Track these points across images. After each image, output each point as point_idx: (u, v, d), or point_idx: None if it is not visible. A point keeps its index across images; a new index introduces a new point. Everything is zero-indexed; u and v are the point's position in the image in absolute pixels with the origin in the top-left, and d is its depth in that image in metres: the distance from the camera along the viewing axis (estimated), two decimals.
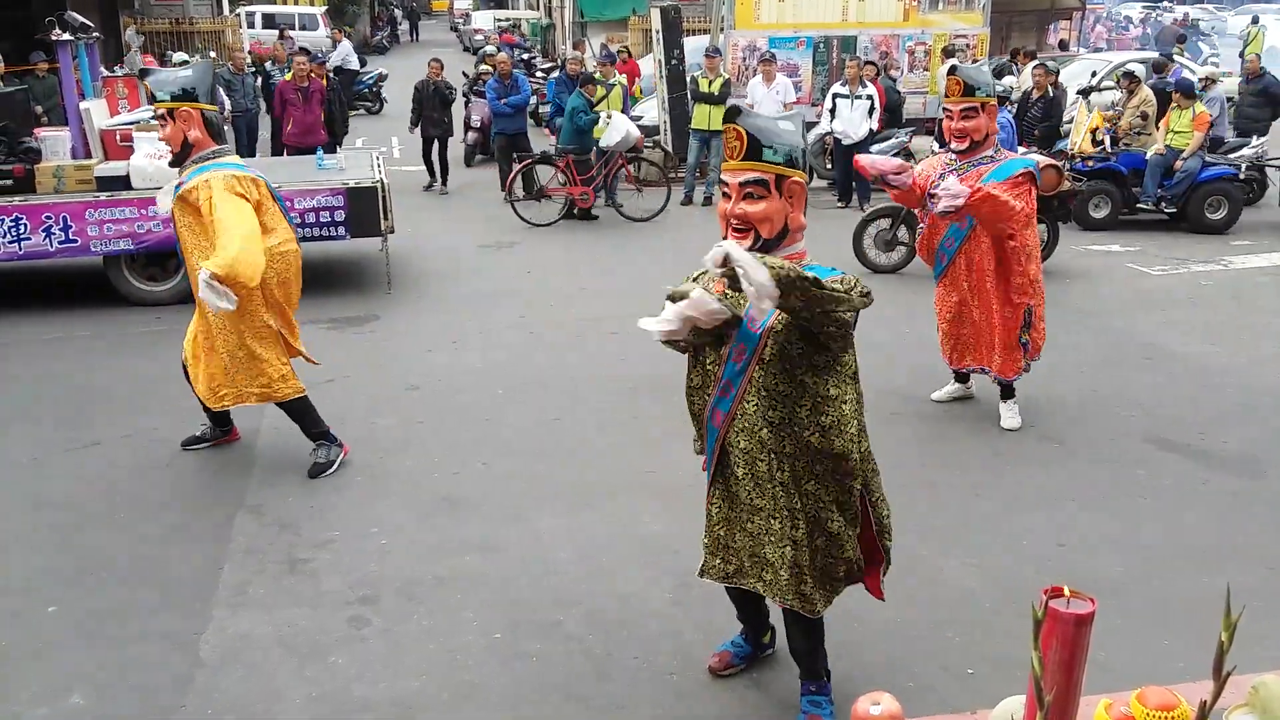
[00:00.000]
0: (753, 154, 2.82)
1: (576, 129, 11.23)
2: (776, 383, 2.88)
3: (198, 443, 5.37)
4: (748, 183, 2.82)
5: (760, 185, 2.82)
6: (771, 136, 2.82)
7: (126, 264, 7.89)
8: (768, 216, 2.83)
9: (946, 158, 5.33)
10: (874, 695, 1.70)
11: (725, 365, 2.94)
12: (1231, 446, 5.40)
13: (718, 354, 2.97)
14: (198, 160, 4.66)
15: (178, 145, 4.68)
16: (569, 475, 5.08)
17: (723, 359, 2.95)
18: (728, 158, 2.87)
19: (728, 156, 2.87)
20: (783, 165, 2.83)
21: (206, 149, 4.69)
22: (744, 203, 2.83)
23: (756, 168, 2.82)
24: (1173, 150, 10.48)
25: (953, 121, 5.19)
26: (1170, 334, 7.30)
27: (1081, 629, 1.55)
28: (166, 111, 4.63)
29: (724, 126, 2.87)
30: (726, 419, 2.97)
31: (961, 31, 14.61)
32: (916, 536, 4.34)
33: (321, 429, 5.10)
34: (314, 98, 11.61)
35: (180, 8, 23.68)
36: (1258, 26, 23.23)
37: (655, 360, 6.53)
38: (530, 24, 29.83)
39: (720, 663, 3.52)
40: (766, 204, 2.83)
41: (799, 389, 2.88)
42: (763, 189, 2.82)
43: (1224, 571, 4.04)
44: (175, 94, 4.63)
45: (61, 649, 3.67)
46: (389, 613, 3.90)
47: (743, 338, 2.88)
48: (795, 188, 2.87)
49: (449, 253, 9.77)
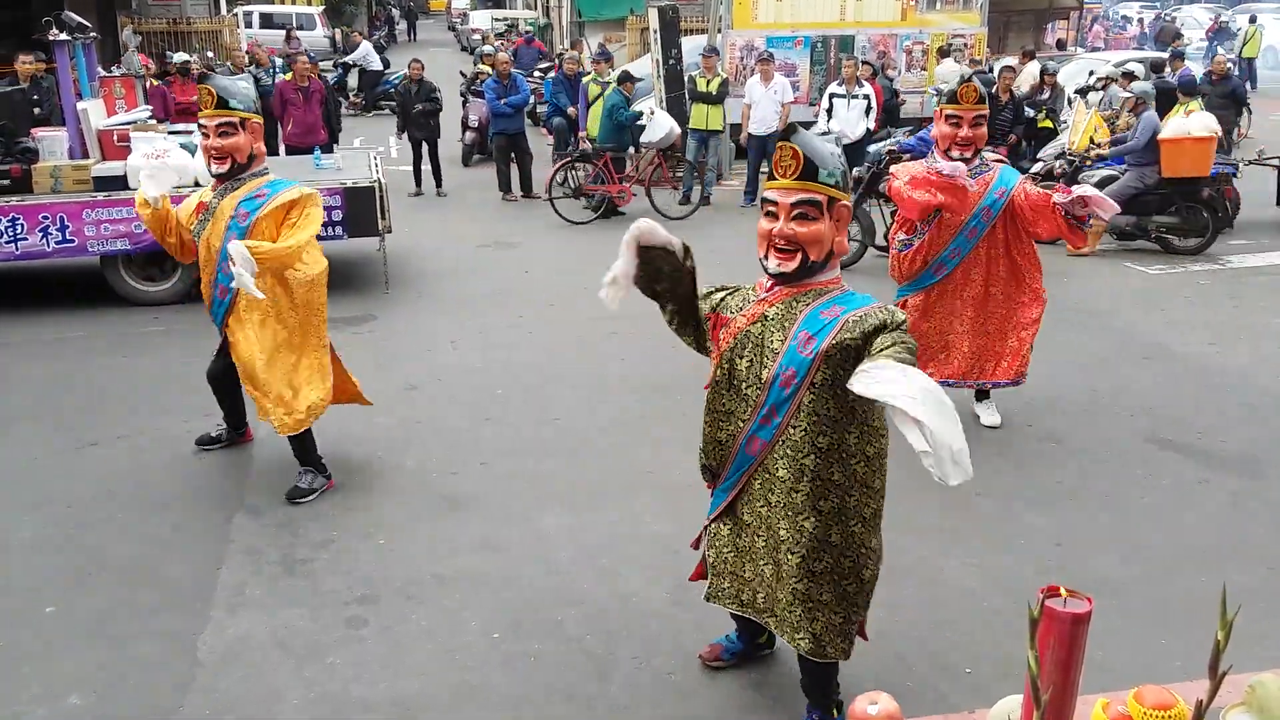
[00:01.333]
0: (809, 174, 2.78)
1: (615, 126, 11.30)
2: (828, 407, 2.81)
3: (212, 443, 5.37)
4: (800, 203, 2.79)
5: (814, 206, 2.79)
6: (825, 158, 2.79)
7: (124, 264, 7.88)
8: (819, 239, 2.80)
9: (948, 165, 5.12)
10: (872, 695, 1.71)
11: (769, 390, 2.85)
12: (1231, 446, 5.40)
13: (759, 380, 2.89)
14: (258, 174, 4.64)
15: (244, 156, 4.59)
16: (569, 475, 5.08)
17: (766, 384, 2.86)
18: (779, 176, 2.81)
19: (779, 175, 2.81)
20: (834, 188, 2.80)
21: (262, 163, 4.70)
22: (794, 223, 2.79)
23: (811, 188, 2.79)
24: None
25: (961, 128, 5.07)
26: (1169, 333, 7.30)
27: (1078, 628, 1.56)
28: (240, 121, 4.53)
29: (780, 145, 2.81)
30: (767, 447, 2.90)
31: (959, 31, 14.62)
32: (916, 536, 4.35)
33: (314, 459, 4.93)
34: (314, 97, 11.62)
35: (178, 7, 23.63)
36: (1255, 26, 23.26)
37: (656, 360, 6.55)
38: (528, 23, 29.79)
39: (711, 654, 3.54)
40: (818, 226, 2.80)
41: (849, 415, 2.83)
42: (816, 210, 2.79)
43: (1222, 571, 4.05)
44: (249, 106, 4.57)
45: (60, 649, 3.67)
46: (388, 613, 3.90)
47: (793, 362, 2.81)
48: (844, 211, 2.85)
49: (447, 252, 9.77)
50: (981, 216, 5.17)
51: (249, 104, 4.60)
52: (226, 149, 4.53)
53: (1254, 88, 21.57)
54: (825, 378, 2.78)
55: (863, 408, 2.81)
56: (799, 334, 2.80)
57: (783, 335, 2.84)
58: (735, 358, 2.94)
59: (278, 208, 4.56)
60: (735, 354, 2.94)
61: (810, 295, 2.87)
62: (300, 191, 4.62)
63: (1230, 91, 12.77)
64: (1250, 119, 16.19)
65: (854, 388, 2.27)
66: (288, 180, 4.74)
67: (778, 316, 2.87)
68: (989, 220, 5.17)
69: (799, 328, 2.81)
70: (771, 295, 2.90)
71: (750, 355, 2.90)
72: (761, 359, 2.88)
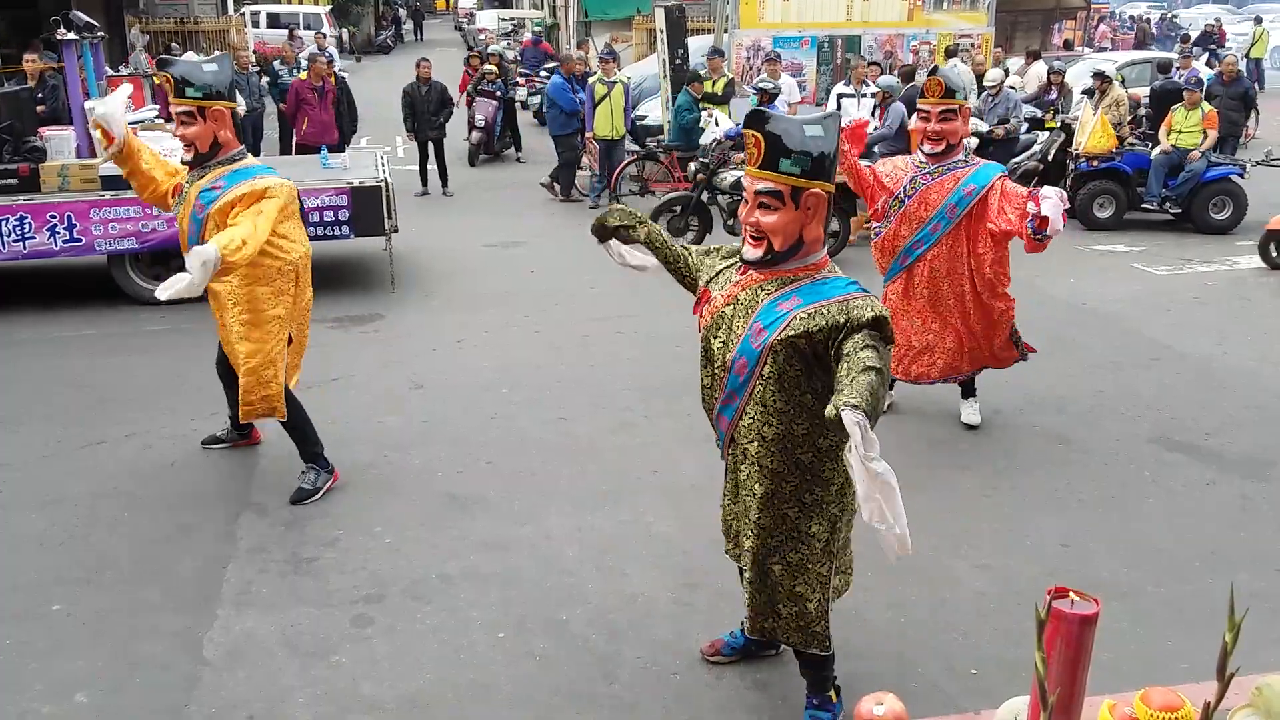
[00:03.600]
0: (769, 163, 2.74)
1: (682, 127, 11.34)
2: (775, 399, 2.84)
3: (216, 443, 5.37)
4: (762, 192, 2.77)
5: (774, 196, 2.75)
6: (795, 143, 2.72)
7: (131, 263, 7.90)
8: (779, 229, 2.77)
9: (917, 160, 5.21)
10: (878, 695, 1.71)
11: (729, 375, 2.91)
12: (1238, 448, 5.39)
13: (724, 362, 2.93)
14: (225, 161, 4.47)
15: (206, 145, 4.43)
16: (575, 475, 5.08)
17: (725, 368, 2.92)
18: (747, 163, 2.80)
19: (747, 162, 2.80)
20: (799, 177, 2.74)
21: (234, 149, 4.52)
22: (758, 212, 2.78)
23: (770, 177, 2.75)
24: (1178, 150, 10.47)
25: (930, 123, 5.08)
26: (1176, 335, 7.29)
27: (1086, 629, 1.56)
28: (197, 109, 4.35)
29: (744, 132, 2.78)
30: (731, 425, 2.98)
31: (966, 31, 14.59)
32: (922, 537, 4.32)
33: (317, 449, 4.89)
34: (328, 97, 11.71)
35: (185, 7, 23.69)
36: (1261, 27, 23.19)
37: (663, 360, 6.56)
38: (536, 24, 29.80)
39: (711, 648, 3.55)
40: (779, 216, 2.76)
41: (797, 407, 2.84)
42: (776, 200, 2.75)
43: (1229, 573, 4.04)
44: (209, 91, 4.38)
45: (67, 647, 3.69)
46: (394, 612, 3.90)
47: (744, 352, 2.84)
48: (813, 199, 2.77)
49: (453, 252, 9.78)
50: (946, 212, 5.11)
51: (213, 89, 4.39)
52: (188, 137, 4.41)
53: (1261, 88, 21.50)
54: (773, 371, 2.80)
55: (814, 403, 2.81)
56: (754, 324, 2.82)
57: (744, 322, 2.86)
58: (711, 337, 2.97)
59: (224, 205, 4.36)
60: (711, 333, 2.97)
61: (774, 284, 2.85)
62: (252, 186, 4.39)
63: (1242, 93, 12.73)
64: (1258, 120, 16.16)
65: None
66: (254, 169, 4.53)
67: (746, 301, 2.89)
68: (954, 216, 5.10)
69: (755, 318, 2.83)
70: (744, 279, 2.92)
71: (722, 336, 2.93)
72: (728, 343, 2.91)
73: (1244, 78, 13.54)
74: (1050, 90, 13.08)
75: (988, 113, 11.19)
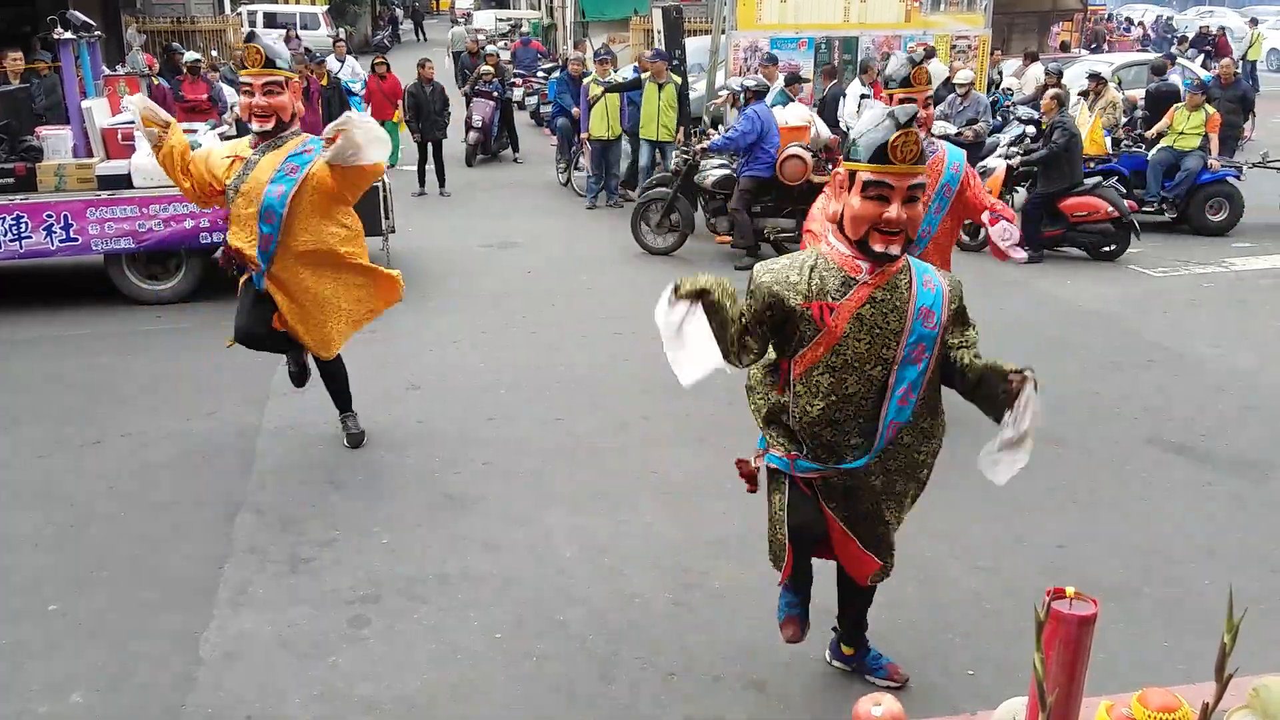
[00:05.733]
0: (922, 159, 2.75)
1: None
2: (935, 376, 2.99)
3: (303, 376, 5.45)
4: (914, 186, 2.75)
5: (921, 189, 2.80)
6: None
7: (128, 262, 7.89)
8: (919, 219, 2.84)
9: None
10: (875, 696, 1.71)
11: (901, 368, 2.88)
12: (1235, 449, 5.40)
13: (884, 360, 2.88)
14: (296, 133, 4.77)
15: (288, 115, 4.70)
16: (573, 475, 5.08)
17: (895, 361, 2.87)
18: (896, 159, 2.70)
19: (897, 159, 2.70)
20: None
21: (299, 124, 4.83)
22: (906, 206, 2.75)
23: (921, 171, 2.77)
24: (1175, 151, 10.48)
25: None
26: (1173, 336, 7.30)
27: (1084, 630, 1.56)
28: (285, 79, 4.66)
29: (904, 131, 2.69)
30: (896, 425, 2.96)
31: (963, 32, 14.61)
32: (918, 537, 4.34)
33: (349, 396, 5.35)
34: (314, 98, 11.70)
35: (182, 7, 23.65)
36: (1257, 29, 23.25)
37: (659, 360, 6.50)
38: (531, 23, 29.80)
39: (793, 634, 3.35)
40: (920, 207, 2.83)
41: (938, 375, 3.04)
42: (921, 192, 2.80)
43: (1227, 574, 4.05)
44: (291, 67, 4.70)
45: (63, 647, 3.68)
46: (391, 612, 3.90)
47: (922, 338, 2.86)
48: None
49: (450, 252, 9.78)
50: (943, 193, 5.20)
51: (291, 64, 4.75)
52: (274, 107, 4.63)
53: (1257, 90, 21.55)
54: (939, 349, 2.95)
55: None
56: (919, 310, 2.86)
57: (897, 315, 2.86)
58: (854, 341, 2.89)
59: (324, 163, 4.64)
60: (851, 340, 2.88)
61: (903, 272, 2.91)
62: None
63: (1240, 95, 12.76)
64: (1254, 122, 16.19)
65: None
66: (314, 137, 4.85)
67: (884, 297, 2.87)
68: (950, 196, 5.21)
69: (916, 304, 2.87)
70: (874, 278, 2.86)
71: (866, 338, 2.87)
72: (881, 340, 2.87)
73: (1241, 80, 13.59)
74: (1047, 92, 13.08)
75: (956, 115, 11.14)
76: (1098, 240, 9.51)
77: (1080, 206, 9.36)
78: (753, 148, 9.16)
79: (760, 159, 9.15)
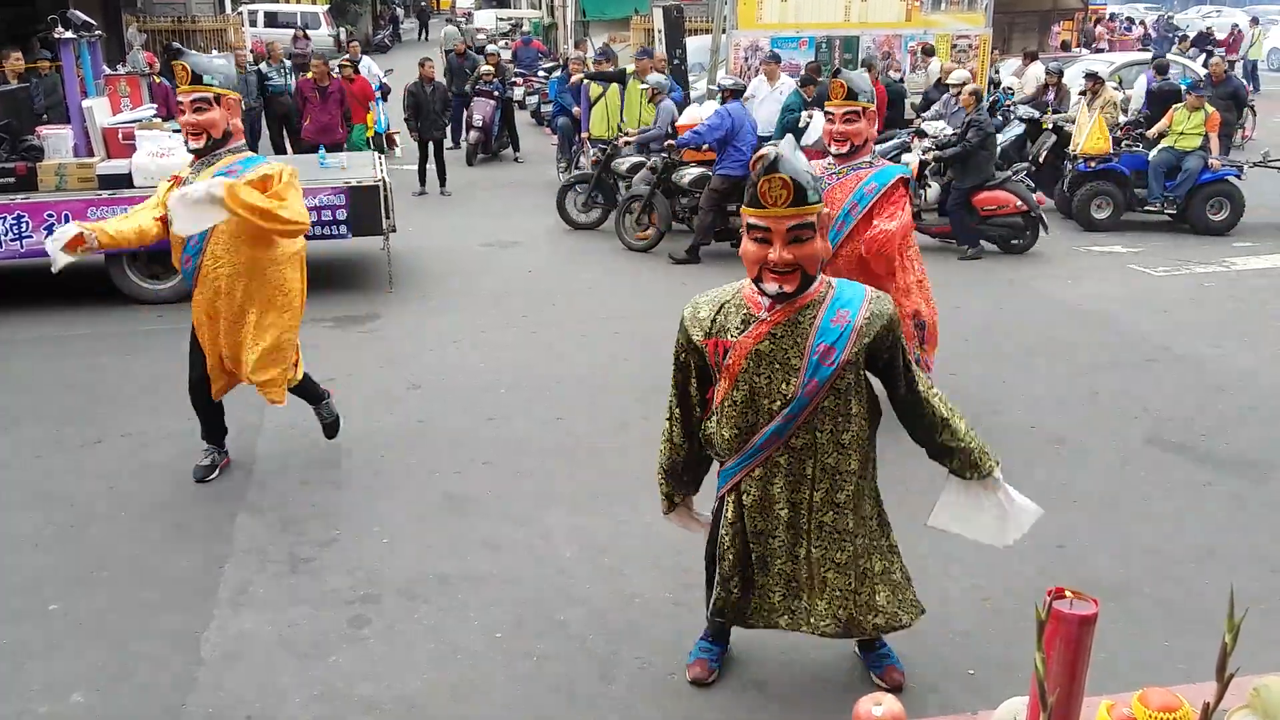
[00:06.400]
0: (799, 200, 2.78)
1: (784, 126, 11.33)
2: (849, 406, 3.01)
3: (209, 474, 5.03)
4: (795, 227, 2.80)
5: (808, 228, 2.82)
6: (807, 177, 2.81)
7: (128, 262, 7.90)
8: (814, 256, 2.87)
9: (825, 162, 5.29)
10: (876, 696, 1.71)
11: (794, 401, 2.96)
12: (1234, 448, 5.39)
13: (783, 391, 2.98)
14: (234, 150, 4.66)
15: (219, 132, 4.60)
16: (572, 475, 5.08)
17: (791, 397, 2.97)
18: (768, 204, 2.78)
19: (769, 204, 2.77)
20: (818, 203, 2.85)
21: (240, 140, 4.74)
22: (791, 248, 2.80)
23: (804, 212, 2.80)
24: (1176, 151, 10.48)
25: (834, 124, 5.16)
26: (1173, 335, 7.29)
27: (1085, 630, 1.56)
28: (214, 96, 4.54)
29: (768, 178, 2.76)
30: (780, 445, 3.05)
31: (964, 32, 14.61)
32: (918, 537, 4.34)
33: (321, 391, 5.25)
34: (332, 97, 11.75)
35: (182, 6, 23.64)
36: (1259, 28, 23.24)
37: (659, 359, 6.52)
38: (532, 23, 29.80)
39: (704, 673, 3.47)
40: (813, 244, 2.85)
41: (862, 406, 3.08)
42: (810, 231, 2.83)
43: (1227, 573, 4.05)
44: (224, 82, 4.60)
45: (64, 647, 3.68)
46: (391, 612, 3.90)
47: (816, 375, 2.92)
48: (826, 219, 2.92)
49: (451, 252, 9.78)
50: (849, 210, 5.14)
51: (224, 80, 4.61)
52: (201, 124, 4.55)
53: (1257, 90, 21.55)
54: (848, 381, 2.94)
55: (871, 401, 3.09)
56: (816, 347, 2.88)
57: (798, 351, 2.90)
58: (753, 377, 2.95)
59: (254, 180, 4.52)
60: (752, 373, 2.95)
61: (811, 306, 2.92)
62: (275, 166, 4.63)
63: (1231, 93, 12.78)
64: (1255, 121, 16.19)
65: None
66: (262, 158, 4.77)
67: (786, 334, 2.91)
68: (856, 214, 5.13)
69: (814, 341, 2.89)
70: (773, 315, 2.92)
71: (766, 373, 2.93)
72: (780, 376, 2.93)
73: (1233, 77, 13.59)
74: (1048, 91, 13.09)
75: (950, 116, 11.12)
76: (1007, 234, 9.64)
77: (990, 200, 9.50)
78: (726, 146, 9.17)
79: (733, 157, 9.13)
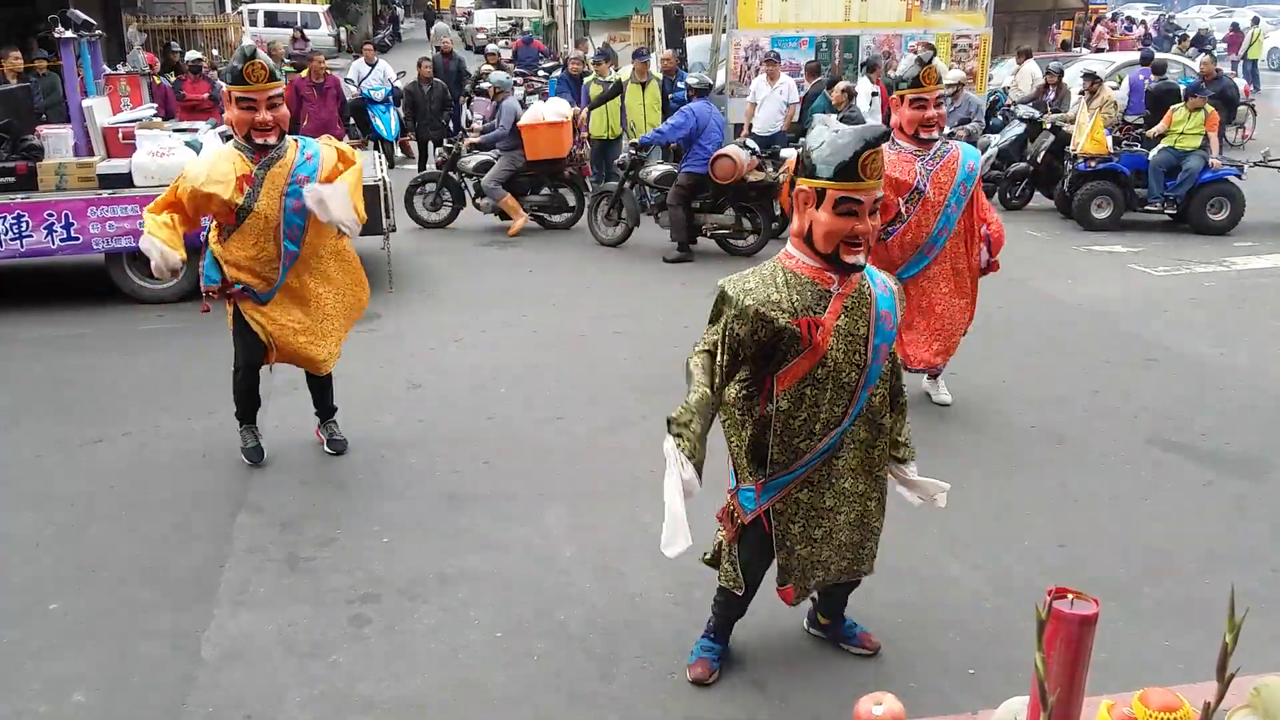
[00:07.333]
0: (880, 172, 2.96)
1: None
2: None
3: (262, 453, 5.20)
4: (877, 200, 2.93)
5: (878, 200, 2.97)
6: None
7: (129, 261, 7.89)
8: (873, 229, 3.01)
9: (910, 149, 5.23)
10: (876, 696, 1.71)
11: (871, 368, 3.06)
12: (1235, 448, 5.39)
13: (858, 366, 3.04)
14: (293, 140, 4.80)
15: (288, 124, 4.73)
16: (573, 474, 5.08)
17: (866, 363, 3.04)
18: (866, 177, 2.84)
19: (867, 176, 2.84)
20: None
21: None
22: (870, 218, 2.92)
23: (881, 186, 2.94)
24: (1176, 151, 10.48)
25: (925, 110, 5.16)
26: (1173, 335, 7.29)
27: (1085, 630, 1.56)
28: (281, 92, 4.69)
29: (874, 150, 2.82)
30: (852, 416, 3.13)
31: (964, 31, 14.59)
32: (919, 537, 4.34)
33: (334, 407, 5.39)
34: (328, 94, 11.75)
35: (182, 6, 23.67)
36: (1258, 27, 23.23)
37: (659, 359, 6.55)
38: (532, 22, 29.80)
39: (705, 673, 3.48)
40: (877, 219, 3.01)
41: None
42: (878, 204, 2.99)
43: (1227, 573, 4.05)
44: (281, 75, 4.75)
45: (63, 647, 3.68)
46: (391, 611, 3.90)
47: (885, 339, 3.06)
48: None
49: (451, 251, 9.78)
50: (960, 191, 5.22)
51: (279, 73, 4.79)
52: (278, 120, 4.61)
53: (1257, 89, 21.55)
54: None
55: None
56: (879, 313, 3.03)
57: (864, 320, 3.02)
58: (834, 352, 3.01)
59: (333, 166, 4.77)
60: (835, 350, 3.01)
61: (862, 278, 3.07)
62: (332, 142, 4.94)
63: (1220, 92, 12.77)
64: (1255, 121, 16.19)
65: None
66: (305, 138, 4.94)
67: (855, 305, 3.02)
68: (966, 194, 5.24)
69: (876, 308, 3.04)
70: (844, 287, 3.01)
71: (842, 346, 3.00)
72: (854, 345, 3.02)
73: (1223, 76, 13.58)
74: (1048, 91, 13.08)
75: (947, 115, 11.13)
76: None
77: None
78: (691, 144, 9.30)
79: (699, 155, 9.28)
